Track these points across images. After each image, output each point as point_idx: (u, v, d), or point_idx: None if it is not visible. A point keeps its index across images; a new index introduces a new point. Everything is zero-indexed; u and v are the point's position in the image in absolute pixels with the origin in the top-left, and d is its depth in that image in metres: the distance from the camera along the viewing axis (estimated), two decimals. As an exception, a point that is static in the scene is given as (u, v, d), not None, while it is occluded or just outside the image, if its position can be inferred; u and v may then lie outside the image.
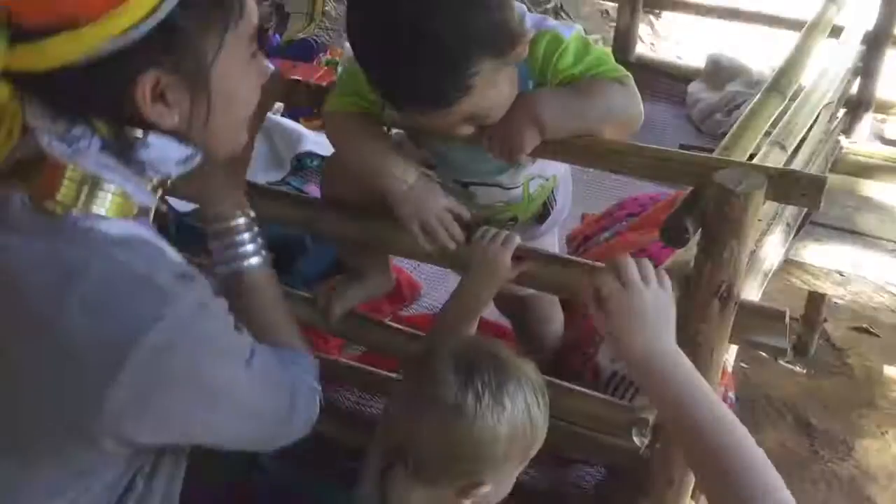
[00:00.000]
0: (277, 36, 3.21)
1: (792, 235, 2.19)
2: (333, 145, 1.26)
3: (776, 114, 1.44)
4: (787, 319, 1.17)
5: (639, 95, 1.19)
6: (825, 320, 3.06)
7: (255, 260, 1.18)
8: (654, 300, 0.96)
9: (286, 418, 1.08)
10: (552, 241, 1.37)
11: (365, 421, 1.67)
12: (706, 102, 2.95)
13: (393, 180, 1.19)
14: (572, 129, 1.16)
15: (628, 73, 1.19)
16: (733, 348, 1.72)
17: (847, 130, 2.81)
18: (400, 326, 1.60)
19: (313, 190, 2.34)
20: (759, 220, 1.48)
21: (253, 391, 1.02)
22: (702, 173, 1.09)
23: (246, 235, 1.18)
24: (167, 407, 0.92)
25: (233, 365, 0.98)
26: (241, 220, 1.18)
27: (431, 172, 1.27)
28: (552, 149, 1.18)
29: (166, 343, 0.88)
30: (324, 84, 2.49)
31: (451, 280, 1.96)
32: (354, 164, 1.24)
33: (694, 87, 3.06)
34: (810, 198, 1.07)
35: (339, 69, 2.75)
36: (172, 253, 0.98)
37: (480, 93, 1.05)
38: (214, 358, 0.95)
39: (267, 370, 1.04)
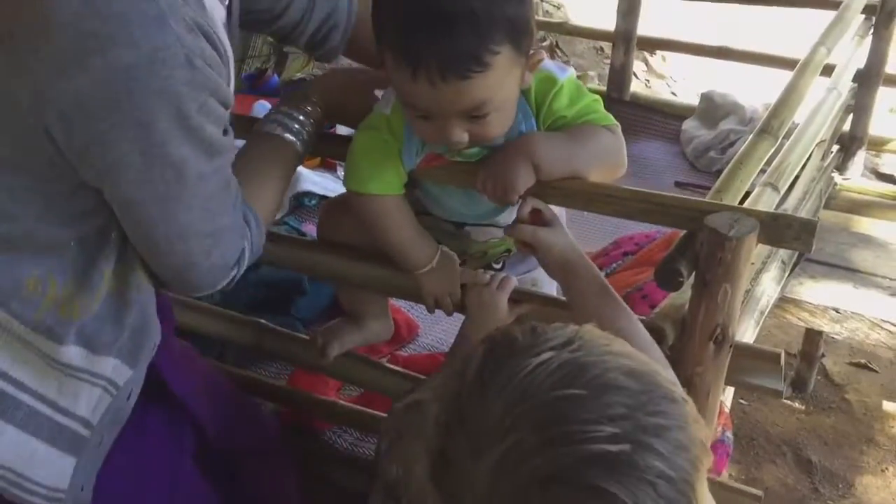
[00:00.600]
0: (276, 76, 3.24)
1: (787, 273, 2.20)
2: (364, 223, 1.29)
3: (768, 156, 1.46)
4: (783, 361, 1.17)
5: (625, 145, 1.22)
6: (823, 356, 3.06)
7: (287, 135, 1.22)
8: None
9: (204, 254, 1.05)
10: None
11: (363, 462, 1.66)
12: (700, 140, 2.98)
13: (418, 261, 1.27)
14: (565, 172, 1.18)
15: (617, 123, 1.22)
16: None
17: (840, 167, 2.84)
18: (396, 367, 1.60)
19: (311, 229, 2.35)
20: (752, 264, 1.49)
21: (195, 192, 0.99)
22: (694, 217, 1.11)
23: (300, 116, 1.23)
24: (102, 141, 0.90)
25: (193, 147, 0.95)
26: (309, 108, 1.24)
27: (448, 249, 1.30)
28: (547, 192, 1.20)
29: (130, 72, 0.87)
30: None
31: (449, 320, 1.97)
32: (385, 247, 1.29)
33: (688, 125, 3.09)
34: (803, 241, 1.08)
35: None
36: (210, 5, 0.98)
37: (493, 80, 1.05)
38: (176, 124, 0.92)
39: (219, 189, 1.03)
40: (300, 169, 2.61)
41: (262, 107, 2.88)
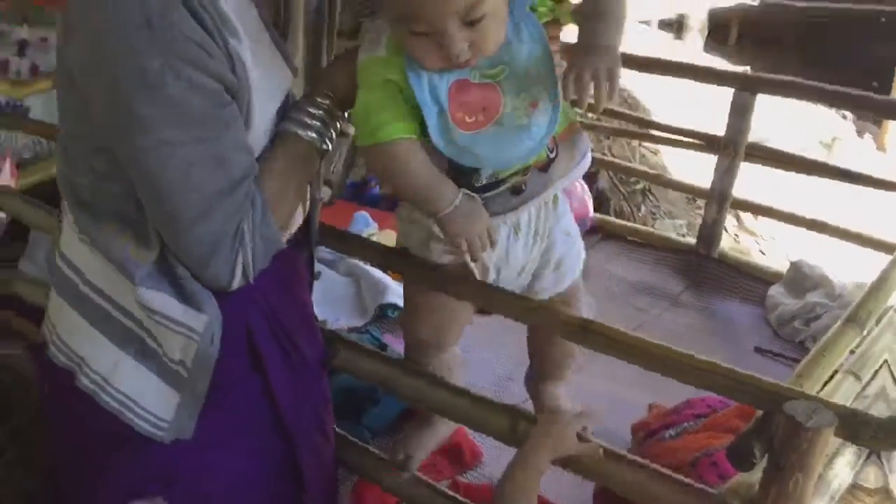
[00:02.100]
0: (378, 188, 3.40)
1: (862, 459, 2.14)
2: (383, 175, 1.30)
3: (852, 345, 1.47)
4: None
5: None
6: (894, 549, 2.90)
7: (304, 132, 1.24)
8: None
9: (189, 221, 1.11)
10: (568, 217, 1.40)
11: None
12: (786, 308, 2.97)
13: (442, 203, 1.25)
14: (621, 37, 1.19)
15: None
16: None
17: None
18: (457, 495, 1.62)
19: (391, 340, 2.43)
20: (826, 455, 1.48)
21: (167, 154, 1.07)
22: (773, 399, 1.13)
23: (313, 110, 1.25)
24: (91, 97, 1.08)
25: (160, 108, 1.04)
26: (321, 100, 1.26)
27: (474, 195, 1.28)
28: (626, 353, 1.25)
29: (101, 36, 1.02)
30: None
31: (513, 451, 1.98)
32: (405, 192, 1.29)
33: (774, 291, 3.08)
34: (880, 440, 1.09)
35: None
36: None
37: None
38: (138, 82, 1.02)
39: (204, 162, 1.09)
40: (385, 279, 2.70)
41: (361, 217, 3.02)
